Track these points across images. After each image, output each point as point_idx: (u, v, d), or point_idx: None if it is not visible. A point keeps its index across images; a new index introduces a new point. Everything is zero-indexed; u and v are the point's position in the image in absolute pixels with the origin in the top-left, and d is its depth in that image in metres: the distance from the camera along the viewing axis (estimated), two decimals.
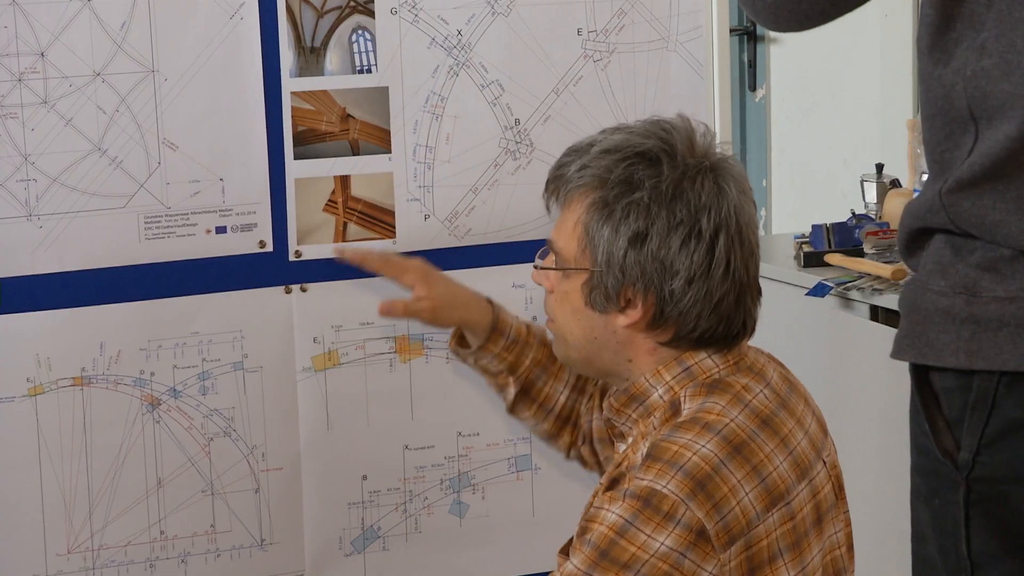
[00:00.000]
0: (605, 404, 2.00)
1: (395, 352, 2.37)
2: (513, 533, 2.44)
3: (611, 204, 1.90)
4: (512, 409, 2.20)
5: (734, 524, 1.80)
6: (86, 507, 2.24)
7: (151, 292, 2.25)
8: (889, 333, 1.84)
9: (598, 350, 1.95)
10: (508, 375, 2.16)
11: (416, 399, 2.38)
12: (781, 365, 2.03)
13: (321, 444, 2.34)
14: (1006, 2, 1.64)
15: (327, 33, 2.27)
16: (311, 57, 2.27)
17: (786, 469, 1.86)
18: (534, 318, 2.41)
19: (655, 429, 1.90)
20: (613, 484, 1.89)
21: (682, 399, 1.90)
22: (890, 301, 3.28)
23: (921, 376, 1.73)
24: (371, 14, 2.29)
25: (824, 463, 1.94)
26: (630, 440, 1.95)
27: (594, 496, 1.96)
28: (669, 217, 1.89)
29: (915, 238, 1.74)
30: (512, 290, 2.40)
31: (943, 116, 1.69)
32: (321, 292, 2.32)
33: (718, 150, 1.95)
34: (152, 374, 2.26)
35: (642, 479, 1.81)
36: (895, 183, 3.86)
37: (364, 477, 2.36)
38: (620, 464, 1.92)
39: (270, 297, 2.31)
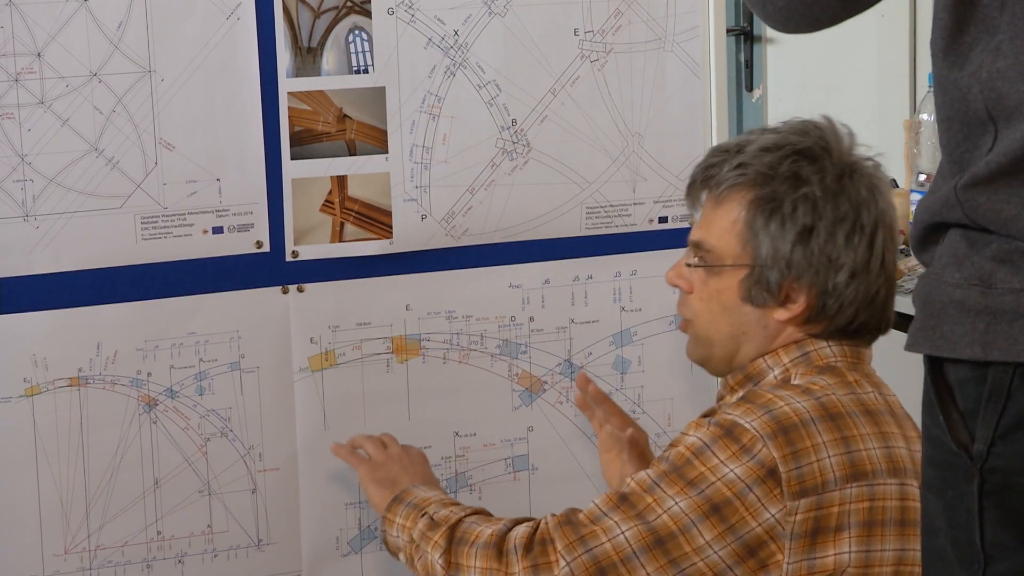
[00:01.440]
0: (721, 381, 2.05)
1: (392, 352, 2.37)
2: None
3: (779, 199, 1.95)
4: None
5: (809, 478, 1.84)
6: (83, 507, 2.24)
7: (148, 292, 2.25)
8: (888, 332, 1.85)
9: (742, 344, 2.00)
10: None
11: (413, 399, 2.38)
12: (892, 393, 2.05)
13: (318, 444, 2.34)
14: (1020, 5, 1.64)
15: (324, 33, 2.27)
16: (308, 57, 2.27)
17: (879, 456, 1.89)
18: (531, 318, 2.41)
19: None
20: (704, 417, 1.94)
21: (793, 376, 1.96)
22: None
23: (935, 368, 1.73)
24: (368, 14, 2.29)
25: (914, 487, 1.95)
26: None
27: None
28: (835, 212, 1.94)
29: (930, 233, 1.74)
30: (509, 290, 2.40)
31: (960, 119, 1.69)
32: (318, 292, 2.32)
33: (861, 151, 2.02)
34: (149, 374, 2.26)
35: (729, 414, 1.87)
36: (892, 183, 3.86)
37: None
38: (716, 408, 1.97)
39: (267, 297, 2.31)
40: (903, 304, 3.27)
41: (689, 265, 2.02)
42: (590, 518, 1.90)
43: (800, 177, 1.96)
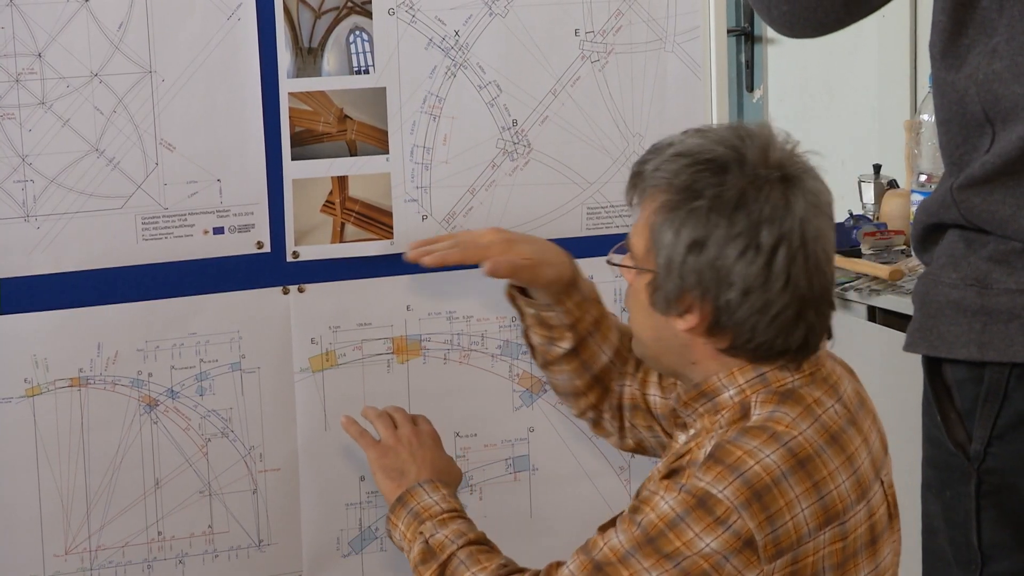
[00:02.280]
0: (674, 395, 2.00)
1: (393, 353, 2.37)
2: (511, 534, 2.44)
3: (674, 209, 1.89)
4: (551, 363, 2.19)
5: (784, 538, 1.80)
6: (84, 508, 2.24)
7: (149, 293, 2.25)
8: (886, 333, 1.84)
9: (664, 349, 1.95)
10: (568, 330, 2.16)
11: (414, 400, 2.38)
12: (855, 377, 2.01)
13: (319, 445, 2.34)
14: (1018, 7, 1.65)
15: (324, 34, 2.27)
16: (308, 58, 2.27)
17: (847, 488, 1.85)
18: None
19: (721, 428, 1.90)
20: (672, 474, 1.90)
21: (752, 404, 1.89)
22: (887, 302, 3.28)
23: (933, 368, 1.74)
24: (368, 15, 2.29)
25: (882, 483, 1.93)
26: (692, 432, 1.96)
27: (648, 480, 1.97)
28: (728, 227, 1.86)
29: (929, 233, 1.75)
30: None
31: (958, 120, 1.69)
32: (319, 293, 2.32)
33: (799, 160, 1.91)
34: (150, 375, 2.26)
35: (700, 479, 1.82)
36: (892, 184, 3.86)
37: (362, 478, 2.36)
38: (682, 456, 1.92)
39: (268, 298, 2.31)
40: (902, 304, 3.28)
41: (608, 262, 2.00)
42: None
43: (696, 189, 1.88)
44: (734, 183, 1.87)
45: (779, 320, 1.88)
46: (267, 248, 2.29)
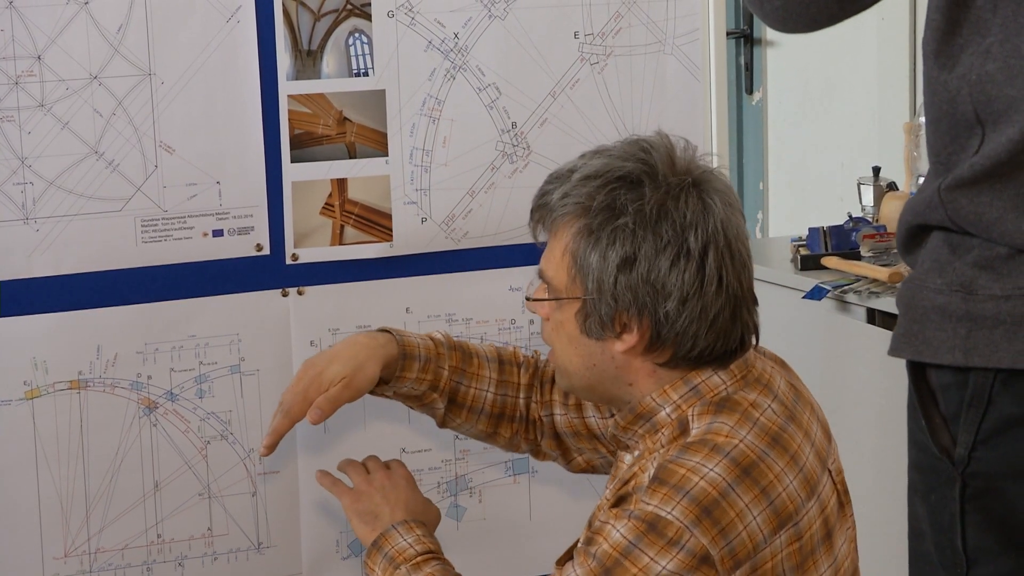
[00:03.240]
0: (611, 422, 1.98)
1: None
2: (510, 536, 2.44)
3: (596, 231, 1.88)
4: (443, 422, 2.16)
5: (740, 549, 1.79)
6: (83, 510, 2.24)
7: (148, 295, 2.25)
8: (886, 336, 1.85)
9: (598, 377, 1.93)
10: (432, 392, 2.12)
11: None
12: (787, 369, 2.01)
13: (318, 447, 2.34)
14: (1011, 8, 1.64)
15: (324, 36, 2.27)
16: (308, 60, 2.27)
17: (795, 488, 1.84)
18: (531, 321, 2.41)
19: (663, 447, 1.88)
20: (620, 501, 1.88)
21: (690, 418, 1.88)
22: (887, 304, 3.28)
23: (918, 373, 1.74)
24: (368, 17, 2.29)
25: (829, 472, 1.92)
26: (636, 453, 1.94)
27: (599, 509, 1.96)
28: (656, 239, 1.87)
29: (914, 235, 1.75)
30: (508, 293, 2.40)
31: (948, 120, 1.69)
32: (318, 295, 2.32)
33: (701, 163, 1.93)
34: (149, 377, 2.26)
35: (647, 503, 1.81)
36: (892, 186, 3.86)
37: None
38: (628, 481, 1.91)
39: (267, 300, 2.31)
40: (889, 304, 3.28)
41: (531, 299, 1.97)
42: None
43: (615, 207, 1.88)
44: (652, 195, 1.87)
45: (718, 323, 1.88)
46: (266, 250, 2.29)
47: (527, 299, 1.98)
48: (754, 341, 1.94)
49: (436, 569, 1.98)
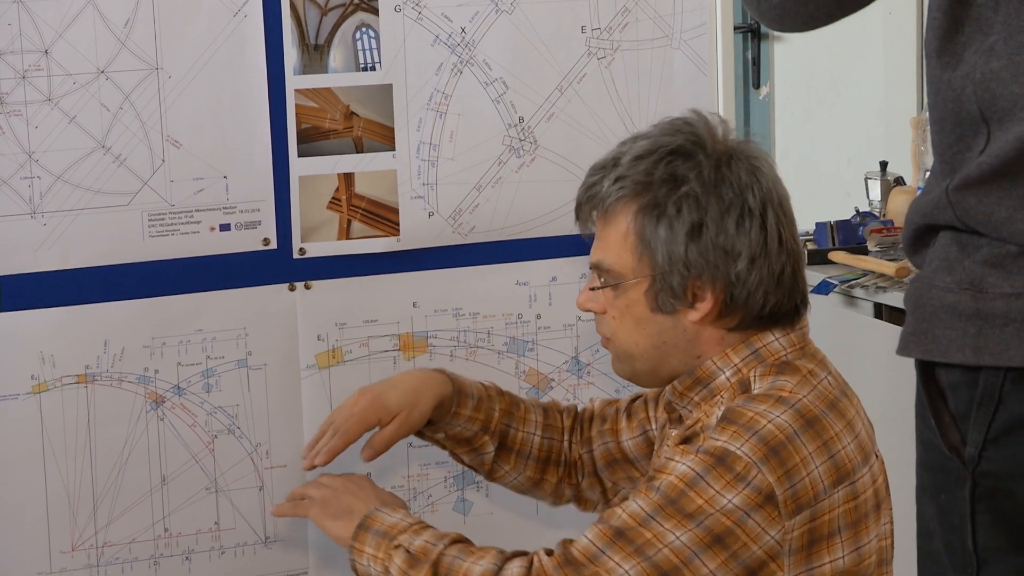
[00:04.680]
0: (668, 388, 2.01)
1: (399, 350, 2.37)
2: (517, 531, 2.44)
3: (661, 204, 1.94)
4: (492, 470, 2.21)
5: (803, 494, 1.83)
6: (90, 504, 2.24)
7: (155, 290, 2.25)
8: (893, 331, 1.85)
9: (666, 354, 1.98)
10: (483, 434, 2.18)
11: None
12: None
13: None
14: (1014, 5, 1.64)
15: (331, 31, 2.27)
16: (315, 55, 2.27)
17: (853, 450, 1.89)
18: (538, 316, 2.41)
19: (722, 406, 1.93)
20: (686, 440, 1.93)
21: (752, 379, 1.94)
22: (894, 299, 3.28)
23: (927, 372, 1.74)
24: (375, 11, 2.29)
25: (877, 456, 1.97)
26: (687, 424, 1.98)
27: (656, 456, 2.01)
28: (719, 203, 1.93)
29: (921, 235, 1.74)
30: (516, 287, 2.40)
31: (953, 119, 1.69)
32: (325, 289, 2.32)
33: (739, 138, 2.00)
34: (156, 371, 2.26)
35: (717, 439, 1.85)
36: (899, 181, 3.86)
37: (368, 475, 2.36)
38: (692, 425, 1.96)
39: (274, 294, 2.31)
40: (896, 299, 3.27)
41: (593, 288, 2.00)
42: (588, 556, 1.85)
43: (677, 177, 1.94)
44: (707, 162, 1.94)
45: (784, 280, 1.95)
46: (273, 245, 2.29)
47: (591, 288, 1.99)
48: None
49: (438, 532, 1.98)
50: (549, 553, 1.90)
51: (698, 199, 1.92)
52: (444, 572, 1.92)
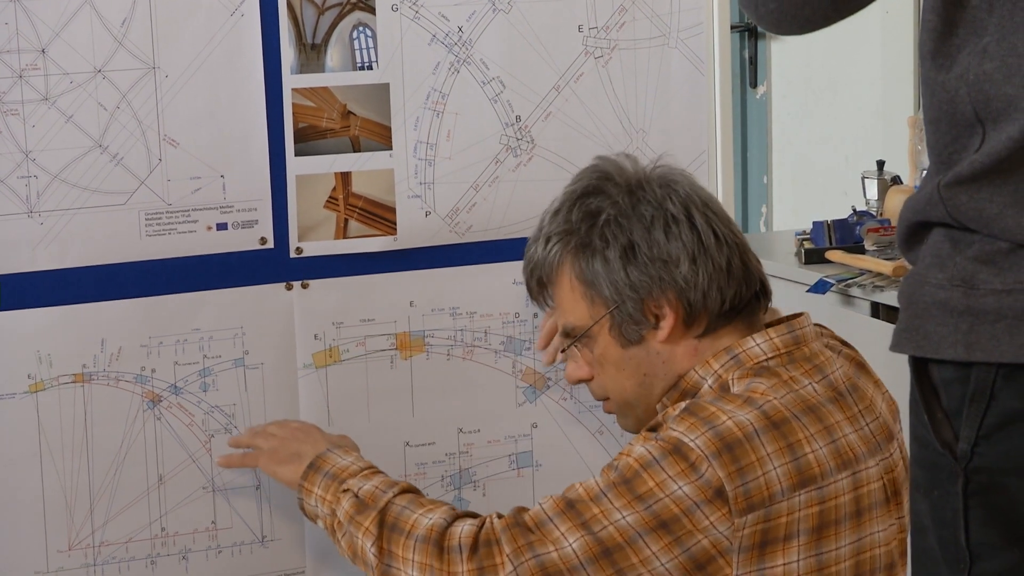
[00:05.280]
0: (658, 406, 2.02)
1: (396, 349, 2.37)
2: None
3: (586, 240, 1.99)
4: None
5: (755, 493, 1.83)
6: (87, 504, 2.24)
7: (152, 289, 2.25)
8: (890, 329, 1.85)
9: (652, 387, 2.00)
10: None
11: (417, 396, 2.38)
12: (854, 355, 2.06)
13: None
14: (1008, 6, 1.64)
15: (328, 30, 2.27)
16: (312, 54, 2.27)
17: (825, 455, 1.88)
18: (535, 315, 2.41)
19: None
20: (651, 429, 1.94)
21: (731, 382, 1.94)
22: (891, 298, 3.28)
23: (920, 368, 1.74)
24: (372, 11, 2.29)
25: (881, 462, 1.95)
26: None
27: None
28: (640, 220, 1.97)
29: (914, 232, 1.74)
30: (513, 287, 2.40)
31: (948, 120, 1.69)
32: (322, 289, 2.32)
33: (645, 164, 2.06)
34: (153, 371, 2.26)
35: (674, 429, 1.86)
36: (896, 180, 3.86)
37: None
38: (658, 415, 1.97)
39: (271, 294, 2.31)
40: (893, 298, 3.27)
41: (563, 350, 2.05)
42: (536, 523, 1.88)
43: (592, 211, 1.99)
44: (617, 191, 2.00)
45: (734, 271, 1.97)
46: (270, 244, 2.29)
47: (562, 351, 2.05)
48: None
49: (388, 479, 1.99)
50: (502, 517, 1.93)
51: (619, 223, 1.96)
52: (391, 521, 1.93)
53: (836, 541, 1.89)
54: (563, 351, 2.09)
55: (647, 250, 1.95)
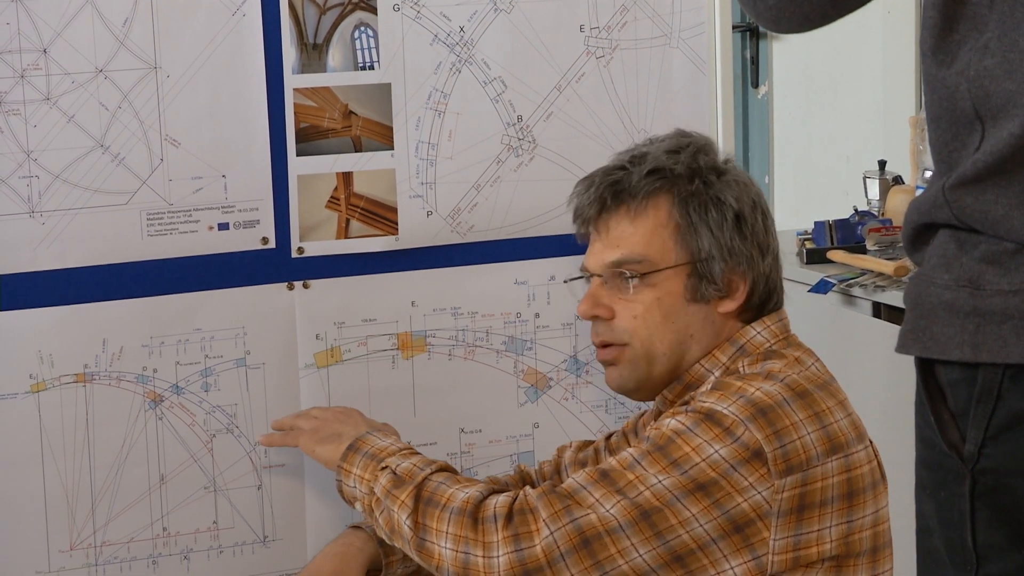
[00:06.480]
0: (658, 398, 2.03)
1: (398, 349, 2.37)
2: None
3: (710, 190, 2.00)
4: None
5: (794, 456, 1.86)
6: (89, 503, 2.24)
7: (153, 289, 2.25)
8: (892, 329, 1.86)
9: (688, 348, 2.02)
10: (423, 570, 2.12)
11: (418, 396, 2.38)
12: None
13: None
14: (1008, 3, 1.64)
15: (329, 30, 2.27)
16: (313, 54, 2.27)
17: (846, 425, 1.92)
18: (537, 315, 2.41)
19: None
20: (679, 404, 1.96)
21: (741, 368, 1.97)
22: (892, 297, 3.28)
23: (926, 370, 1.74)
24: (373, 11, 2.29)
25: (871, 443, 2.00)
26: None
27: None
28: (753, 199, 2.02)
29: (920, 233, 1.74)
30: (514, 287, 2.40)
31: (948, 117, 1.69)
32: (324, 288, 2.32)
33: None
34: (155, 371, 2.26)
35: (704, 401, 1.88)
36: (897, 180, 3.86)
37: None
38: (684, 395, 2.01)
39: (273, 294, 2.31)
40: (895, 298, 3.28)
41: (625, 276, 2.00)
42: (571, 490, 1.88)
43: (718, 168, 2.02)
44: (731, 163, 2.07)
45: (781, 269, 2.05)
46: (272, 244, 2.29)
47: (621, 274, 2.01)
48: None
49: (426, 458, 1.99)
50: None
51: (743, 189, 2.00)
52: (428, 495, 1.93)
53: (863, 509, 1.92)
54: (593, 277, 2.05)
55: (751, 228, 1.99)
